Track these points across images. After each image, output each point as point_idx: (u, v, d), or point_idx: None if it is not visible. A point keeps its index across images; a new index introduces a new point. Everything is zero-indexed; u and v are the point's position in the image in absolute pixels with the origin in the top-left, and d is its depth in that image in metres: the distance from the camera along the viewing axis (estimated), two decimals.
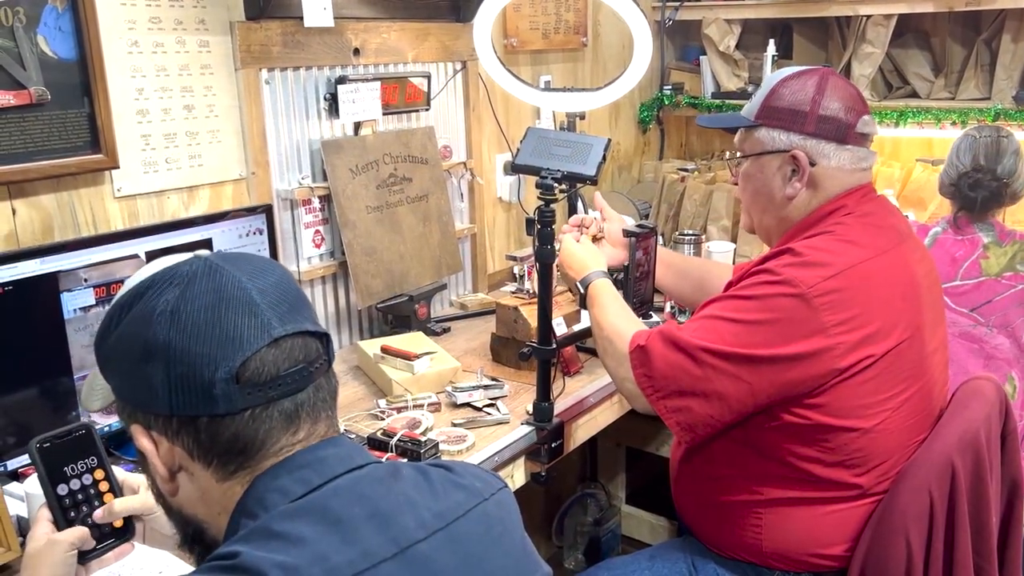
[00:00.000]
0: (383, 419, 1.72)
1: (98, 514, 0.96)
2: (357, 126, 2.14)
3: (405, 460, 1.51)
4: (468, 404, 1.80)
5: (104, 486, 0.97)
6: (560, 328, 1.84)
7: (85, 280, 1.53)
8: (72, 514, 0.95)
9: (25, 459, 1.47)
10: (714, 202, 2.80)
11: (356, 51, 2.11)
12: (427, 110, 2.31)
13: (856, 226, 1.48)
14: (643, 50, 2.20)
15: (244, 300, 0.79)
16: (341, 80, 2.05)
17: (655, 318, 2.16)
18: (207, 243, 1.72)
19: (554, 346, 1.66)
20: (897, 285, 1.45)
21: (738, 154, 1.61)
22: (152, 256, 1.62)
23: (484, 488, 0.89)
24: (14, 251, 1.47)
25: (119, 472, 1.00)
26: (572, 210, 2.48)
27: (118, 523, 0.97)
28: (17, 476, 1.44)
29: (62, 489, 0.95)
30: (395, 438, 1.55)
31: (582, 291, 1.66)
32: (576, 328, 1.90)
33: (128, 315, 0.80)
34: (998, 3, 2.61)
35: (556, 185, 1.61)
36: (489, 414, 1.76)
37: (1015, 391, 2.11)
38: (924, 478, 1.40)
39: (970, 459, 1.43)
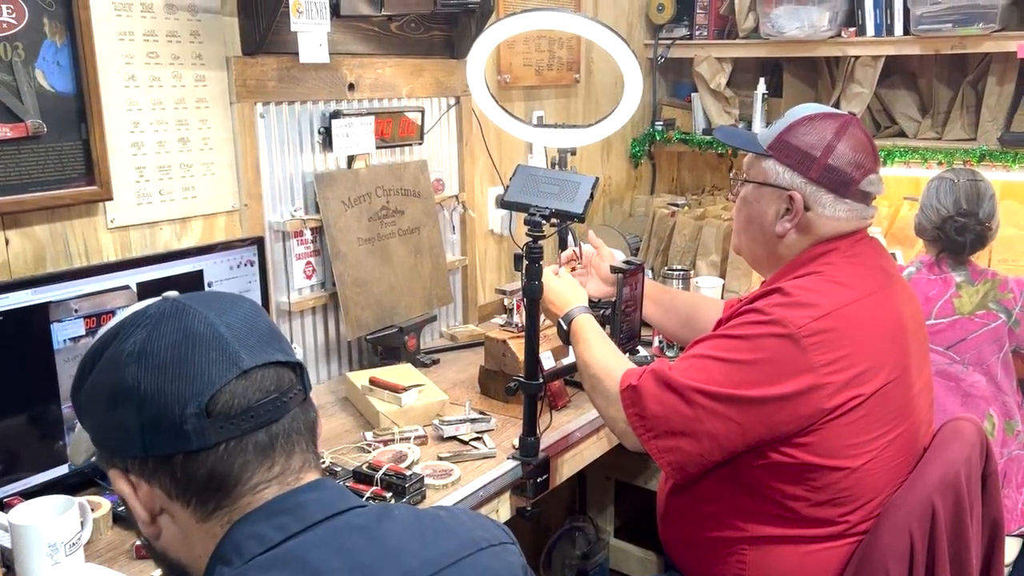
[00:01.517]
0: (369, 452, 1.73)
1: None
2: (350, 159, 2.16)
3: (390, 495, 1.52)
4: (455, 437, 1.81)
5: None
6: (548, 362, 1.86)
7: (76, 311, 1.54)
8: None
9: (11, 488, 1.47)
10: (703, 238, 2.82)
11: (351, 86, 2.14)
12: (420, 144, 2.34)
13: (845, 267, 1.50)
14: (634, 89, 2.23)
15: (211, 336, 0.79)
16: (335, 114, 2.08)
17: (642, 352, 2.17)
18: (198, 275, 1.74)
19: (541, 381, 1.67)
20: (885, 327, 1.47)
21: (742, 176, 1.62)
22: (143, 287, 1.63)
23: (484, 538, 0.86)
24: (5, 281, 1.49)
25: None
26: (563, 246, 2.50)
27: None
28: (2, 506, 1.44)
29: None
30: (380, 472, 1.55)
31: (564, 327, 1.66)
32: (564, 362, 1.92)
33: (99, 362, 0.81)
34: (983, 47, 2.66)
35: (544, 222, 1.64)
36: (475, 448, 1.76)
37: (994, 428, 2.12)
38: (904, 518, 1.41)
39: (950, 500, 1.44)
